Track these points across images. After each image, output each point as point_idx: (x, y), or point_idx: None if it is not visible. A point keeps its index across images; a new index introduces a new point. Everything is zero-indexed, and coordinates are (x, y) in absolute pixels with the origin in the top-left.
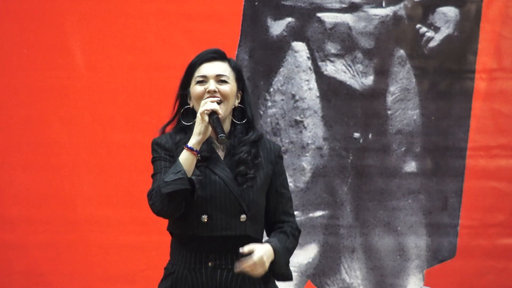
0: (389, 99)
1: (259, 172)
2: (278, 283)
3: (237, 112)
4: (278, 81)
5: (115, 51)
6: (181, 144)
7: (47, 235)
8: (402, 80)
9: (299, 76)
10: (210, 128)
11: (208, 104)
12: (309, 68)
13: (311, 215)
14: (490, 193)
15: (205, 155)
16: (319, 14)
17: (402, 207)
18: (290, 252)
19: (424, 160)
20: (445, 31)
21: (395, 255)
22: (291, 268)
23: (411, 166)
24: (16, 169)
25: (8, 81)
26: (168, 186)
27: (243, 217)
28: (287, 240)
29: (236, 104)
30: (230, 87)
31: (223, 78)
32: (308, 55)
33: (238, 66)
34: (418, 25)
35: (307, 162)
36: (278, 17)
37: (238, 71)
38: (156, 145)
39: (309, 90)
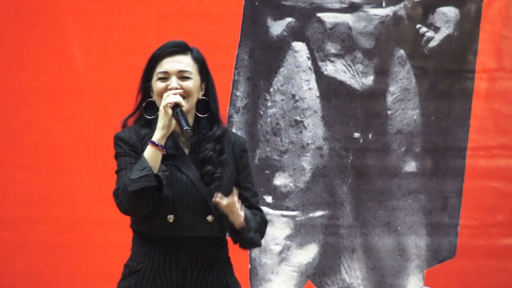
0: (389, 99)
1: (225, 169)
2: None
3: (201, 105)
4: (278, 81)
5: (115, 51)
6: (147, 139)
7: (47, 235)
8: (402, 80)
9: (299, 76)
10: (174, 122)
11: (170, 97)
12: (309, 68)
13: (311, 215)
14: (490, 193)
15: (170, 153)
16: (319, 14)
17: (402, 207)
18: (258, 225)
19: (424, 160)
20: (445, 31)
21: (395, 255)
22: (291, 268)
23: (411, 166)
24: (16, 169)
25: (8, 81)
26: (134, 184)
27: (210, 218)
28: (256, 215)
29: (200, 96)
30: (193, 83)
31: (185, 74)
32: (308, 55)
33: (201, 57)
34: (418, 25)
35: (307, 162)
36: (278, 17)
37: (202, 62)
38: (119, 140)
39: (309, 90)
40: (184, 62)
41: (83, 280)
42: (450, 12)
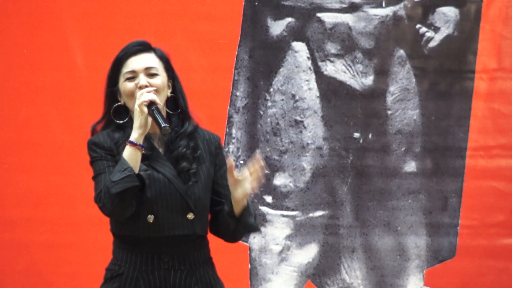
0: (389, 99)
1: (201, 166)
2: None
3: (170, 103)
4: (278, 81)
5: (115, 51)
6: (122, 143)
7: (47, 235)
8: (402, 80)
9: (299, 76)
10: (150, 120)
11: (145, 95)
12: (309, 68)
13: (311, 215)
14: (490, 193)
15: (145, 153)
16: (319, 14)
17: (402, 207)
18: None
19: (424, 160)
20: (445, 31)
21: (395, 255)
22: (291, 268)
23: (411, 166)
24: (17, 169)
25: (8, 81)
26: (116, 185)
27: (190, 215)
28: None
29: (168, 94)
30: (161, 79)
31: (152, 71)
32: (308, 55)
33: (165, 55)
34: (418, 25)
35: (307, 162)
36: (278, 17)
37: (166, 60)
38: (93, 145)
39: (309, 90)
40: (150, 59)
41: (83, 280)
42: (450, 12)
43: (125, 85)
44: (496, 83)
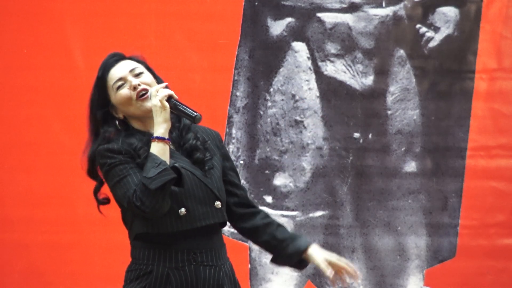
0: (389, 99)
1: (213, 158)
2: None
3: None
4: (278, 81)
5: (115, 51)
6: (141, 147)
7: (47, 235)
8: (402, 80)
9: (299, 76)
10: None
11: (162, 91)
12: (309, 68)
13: (311, 215)
14: (490, 193)
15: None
16: (319, 14)
17: (402, 207)
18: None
19: (424, 160)
20: (445, 31)
21: (395, 255)
22: (291, 268)
23: (411, 166)
24: (17, 169)
25: (8, 81)
26: (154, 181)
27: (217, 203)
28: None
29: None
30: (149, 76)
31: (137, 71)
32: (308, 55)
33: (141, 59)
34: (418, 25)
35: (307, 162)
36: (278, 17)
37: (144, 62)
38: (109, 152)
39: (309, 90)
40: (130, 63)
41: (83, 280)
42: (450, 12)
43: (120, 94)
44: (496, 83)
